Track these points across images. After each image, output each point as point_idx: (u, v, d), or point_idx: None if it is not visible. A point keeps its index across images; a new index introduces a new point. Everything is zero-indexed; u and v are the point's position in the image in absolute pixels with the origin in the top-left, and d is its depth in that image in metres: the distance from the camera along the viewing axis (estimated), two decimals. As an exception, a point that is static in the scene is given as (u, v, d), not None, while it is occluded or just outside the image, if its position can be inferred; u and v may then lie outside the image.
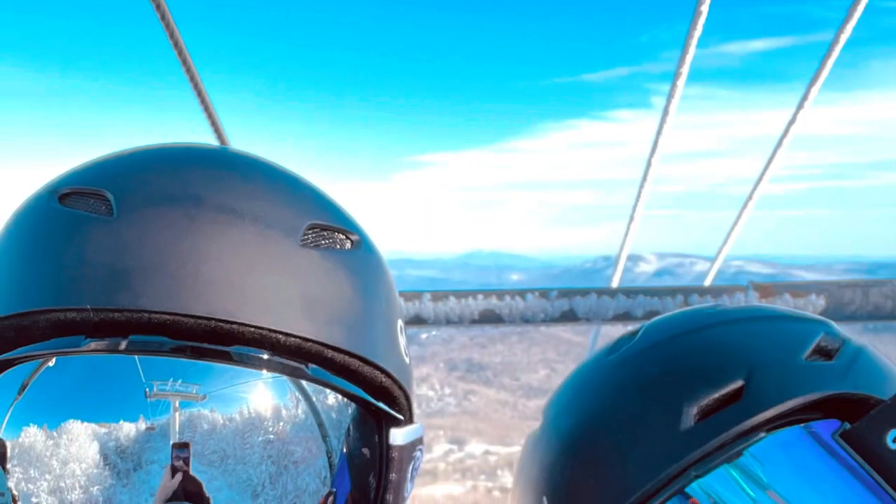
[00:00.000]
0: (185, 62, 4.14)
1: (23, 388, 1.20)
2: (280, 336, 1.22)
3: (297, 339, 1.23)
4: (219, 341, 1.18)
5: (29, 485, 1.19)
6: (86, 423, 1.18)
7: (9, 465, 1.19)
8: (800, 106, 5.19)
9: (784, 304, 3.46)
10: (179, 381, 1.18)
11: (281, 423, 1.25)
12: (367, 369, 1.32)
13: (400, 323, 1.47)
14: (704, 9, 4.30)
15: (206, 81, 4.40)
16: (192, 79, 4.29)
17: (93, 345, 1.15)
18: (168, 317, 1.16)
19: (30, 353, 1.18)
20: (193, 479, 1.20)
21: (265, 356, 1.21)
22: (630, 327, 1.71)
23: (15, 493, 1.19)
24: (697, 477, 1.33)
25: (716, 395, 1.39)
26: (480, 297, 3.60)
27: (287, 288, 1.23)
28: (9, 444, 1.19)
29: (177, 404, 1.19)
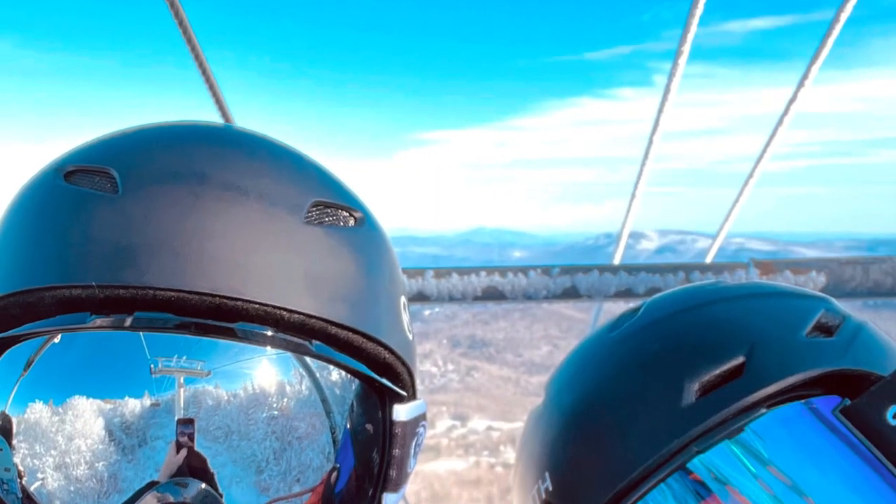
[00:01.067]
0: (189, 41, 4.13)
1: (28, 364, 1.20)
2: (284, 313, 1.22)
3: (301, 316, 1.24)
4: (223, 318, 1.19)
5: (34, 460, 1.20)
6: (91, 400, 1.19)
7: (14, 441, 1.20)
8: (800, 84, 5.17)
9: (785, 280, 3.46)
10: (184, 357, 1.19)
11: (285, 399, 1.26)
12: (370, 346, 1.33)
13: (403, 299, 1.47)
14: (706, -13, 4.28)
15: (211, 60, 4.39)
16: (197, 57, 4.28)
17: (98, 321, 1.16)
18: (173, 293, 1.16)
19: (35, 330, 1.19)
20: (198, 455, 1.21)
21: (269, 333, 1.22)
22: (632, 304, 1.71)
23: (21, 468, 1.20)
24: (699, 452, 1.33)
25: (717, 372, 1.39)
26: (483, 273, 3.60)
27: (291, 265, 1.23)
28: (14, 420, 1.20)
29: (181, 380, 1.20)
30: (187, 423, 1.20)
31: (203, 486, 1.20)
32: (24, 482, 1.20)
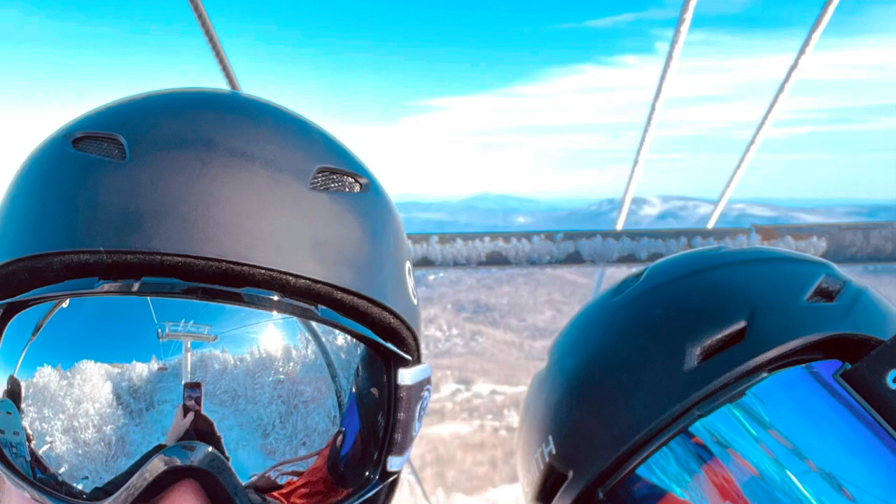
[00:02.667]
0: (196, 8, 4.12)
1: (37, 329, 1.21)
2: (290, 278, 1.23)
3: (307, 281, 1.24)
4: (230, 283, 1.19)
5: (43, 424, 1.20)
6: (99, 364, 1.19)
7: (23, 405, 1.20)
8: (801, 51, 5.17)
9: (786, 246, 3.47)
10: (191, 322, 1.19)
11: (291, 364, 1.26)
12: (375, 310, 1.33)
13: (408, 265, 1.48)
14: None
15: (217, 27, 4.39)
16: (204, 24, 4.28)
17: (106, 286, 1.16)
18: (180, 259, 1.17)
19: (44, 295, 1.20)
20: (205, 419, 1.21)
21: (275, 297, 1.22)
22: (634, 269, 1.72)
23: (29, 432, 1.21)
24: (700, 416, 1.34)
25: (719, 336, 1.40)
26: (487, 239, 3.60)
27: (297, 230, 1.24)
28: (23, 385, 1.21)
29: (188, 345, 1.20)
30: (194, 387, 1.21)
31: (210, 449, 1.20)
32: (32, 446, 1.21)
